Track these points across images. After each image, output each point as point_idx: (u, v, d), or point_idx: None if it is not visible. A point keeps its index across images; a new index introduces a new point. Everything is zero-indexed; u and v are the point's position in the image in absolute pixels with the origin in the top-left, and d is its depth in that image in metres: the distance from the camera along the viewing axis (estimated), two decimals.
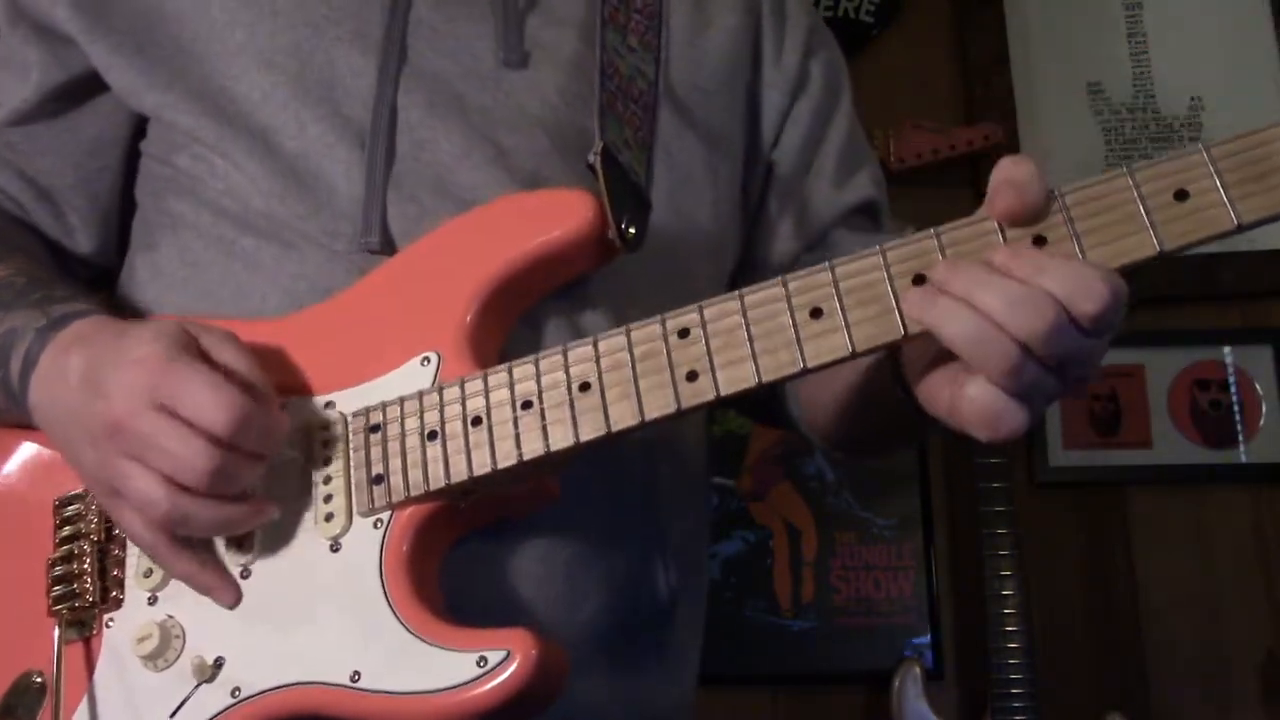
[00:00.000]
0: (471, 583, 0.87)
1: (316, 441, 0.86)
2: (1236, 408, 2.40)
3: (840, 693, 2.35)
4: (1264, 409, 2.39)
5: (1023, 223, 0.73)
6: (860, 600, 2.37)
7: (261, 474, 0.82)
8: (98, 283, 1.09)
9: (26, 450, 0.96)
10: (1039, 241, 0.73)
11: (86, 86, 1.04)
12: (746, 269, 1.10)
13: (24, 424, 0.93)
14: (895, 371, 0.83)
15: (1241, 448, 2.38)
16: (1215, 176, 0.70)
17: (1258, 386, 2.41)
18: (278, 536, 0.85)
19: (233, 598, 0.84)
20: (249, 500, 0.82)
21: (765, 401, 1.11)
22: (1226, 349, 2.43)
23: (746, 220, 1.12)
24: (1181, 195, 0.71)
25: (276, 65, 0.96)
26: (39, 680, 0.88)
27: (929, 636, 2.34)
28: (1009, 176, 0.73)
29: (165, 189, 1.01)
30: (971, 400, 0.73)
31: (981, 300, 0.70)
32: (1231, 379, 2.41)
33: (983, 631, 2.11)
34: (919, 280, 0.74)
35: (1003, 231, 0.73)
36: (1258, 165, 0.70)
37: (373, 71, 0.95)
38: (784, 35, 1.13)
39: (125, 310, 1.02)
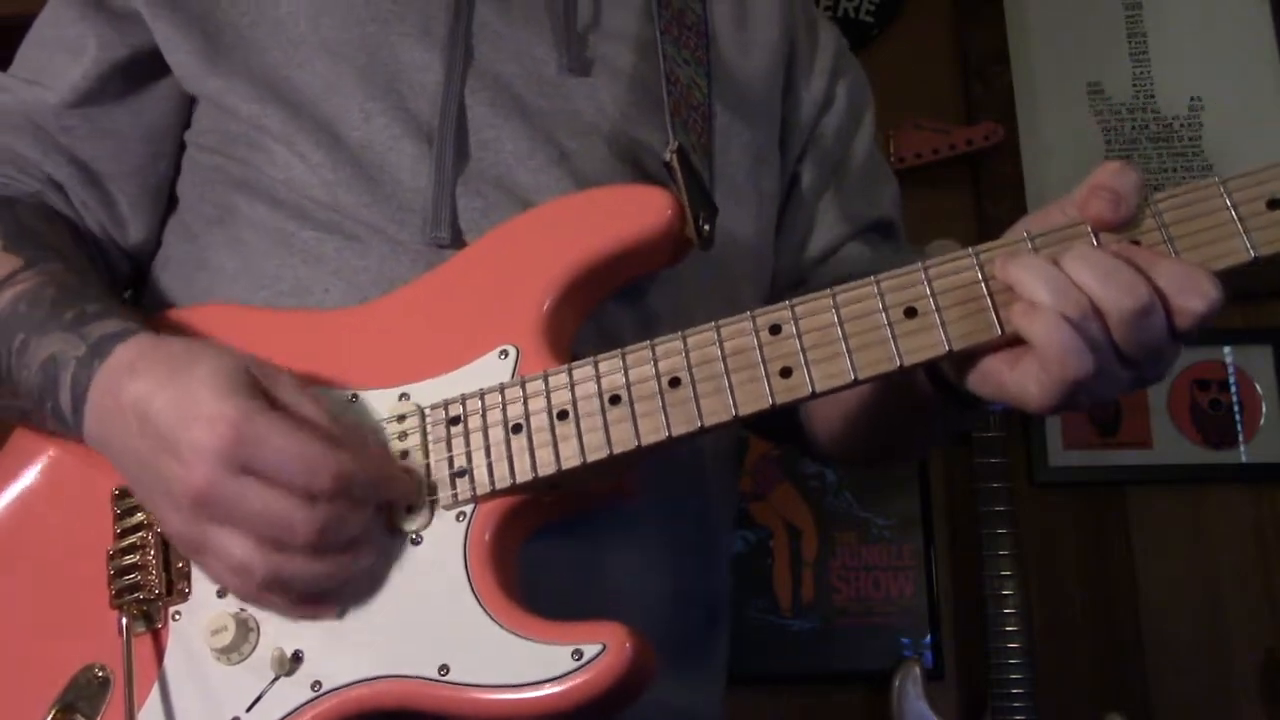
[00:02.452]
0: (546, 579, 0.86)
1: (392, 435, 0.84)
2: (1236, 408, 2.40)
3: (840, 693, 2.35)
4: (1264, 409, 2.39)
5: (1114, 229, 0.74)
6: (860, 600, 2.37)
7: (367, 520, 0.79)
8: (136, 276, 1.07)
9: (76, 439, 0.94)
10: (1135, 245, 0.74)
11: (147, 67, 1.02)
12: (774, 276, 1.12)
13: None
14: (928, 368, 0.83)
15: (1241, 448, 2.38)
16: None
17: (1258, 386, 2.41)
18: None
19: (334, 615, 0.82)
20: (349, 551, 0.78)
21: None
22: (1226, 349, 2.43)
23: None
24: (1275, 204, 0.73)
25: (341, 55, 0.96)
26: (101, 674, 0.86)
27: (929, 636, 2.34)
28: (1111, 184, 0.73)
29: (214, 180, 1.00)
30: (1041, 337, 0.71)
31: (1075, 270, 0.71)
32: (1231, 379, 2.41)
33: (983, 631, 2.11)
34: None
35: (1097, 236, 0.75)
36: None
37: (439, 68, 0.95)
38: (815, 57, 1.15)
39: (157, 303, 1.00)
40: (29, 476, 0.95)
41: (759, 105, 1.08)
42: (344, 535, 0.77)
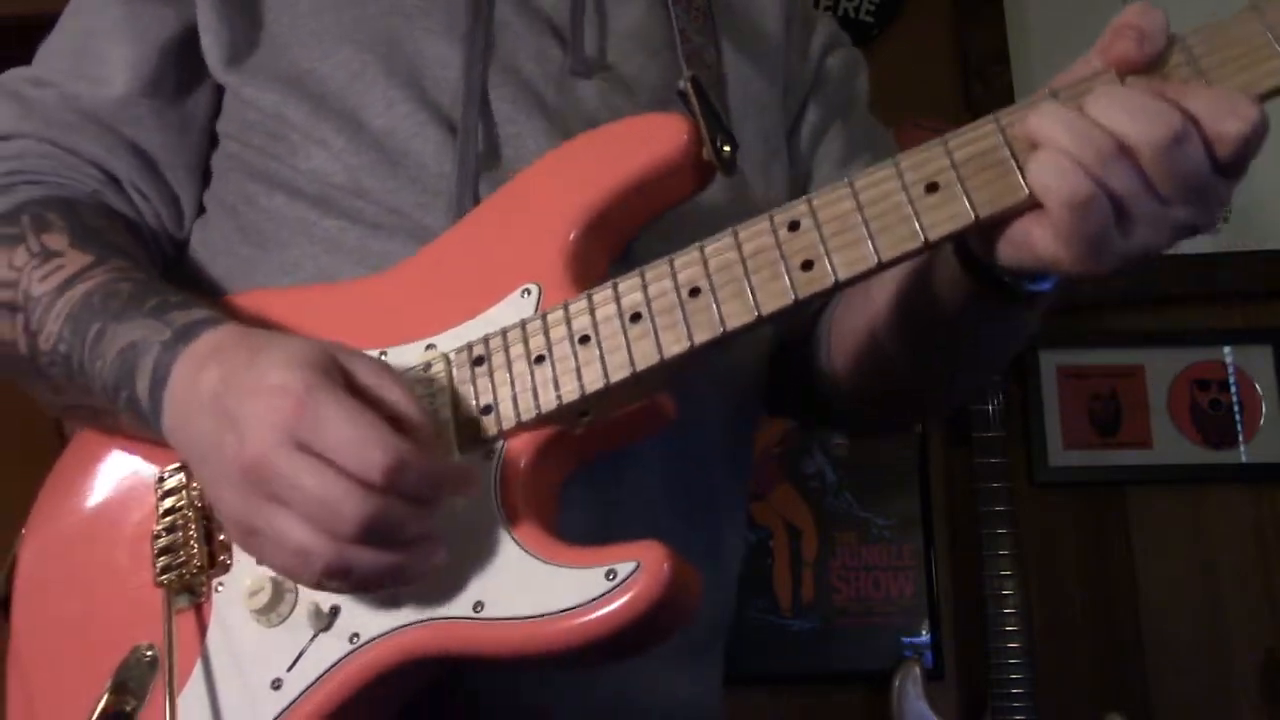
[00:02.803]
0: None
1: (421, 384, 0.83)
2: (1236, 408, 2.40)
3: (840, 693, 2.35)
4: (1264, 409, 2.39)
5: (1141, 70, 0.69)
6: (860, 600, 2.37)
7: (432, 522, 0.74)
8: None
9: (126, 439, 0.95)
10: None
11: (198, 46, 1.00)
12: None
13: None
14: (960, 255, 0.79)
15: (1241, 448, 2.38)
16: None
17: (1258, 386, 2.41)
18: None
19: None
20: (418, 545, 0.74)
21: (792, 369, 1.09)
22: (1226, 349, 2.43)
23: None
24: None
25: (364, 46, 0.96)
26: (150, 653, 0.86)
27: (929, 636, 2.33)
28: (1136, 23, 0.69)
29: (231, 167, 1.00)
30: (1036, 176, 0.68)
31: (1098, 110, 0.67)
32: (1231, 379, 2.41)
33: (983, 631, 2.11)
34: None
35: (1123, 80, 0.70)
36: None
37: (459, 62, 0.95)
38: (809, 42, 1.15)
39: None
40: (87, 476, 0.95)
41: (763, 95, 1.08)
42: (399, 531, 0.72)
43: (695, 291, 0.77)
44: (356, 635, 0.79)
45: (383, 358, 0.84)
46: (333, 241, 0.93)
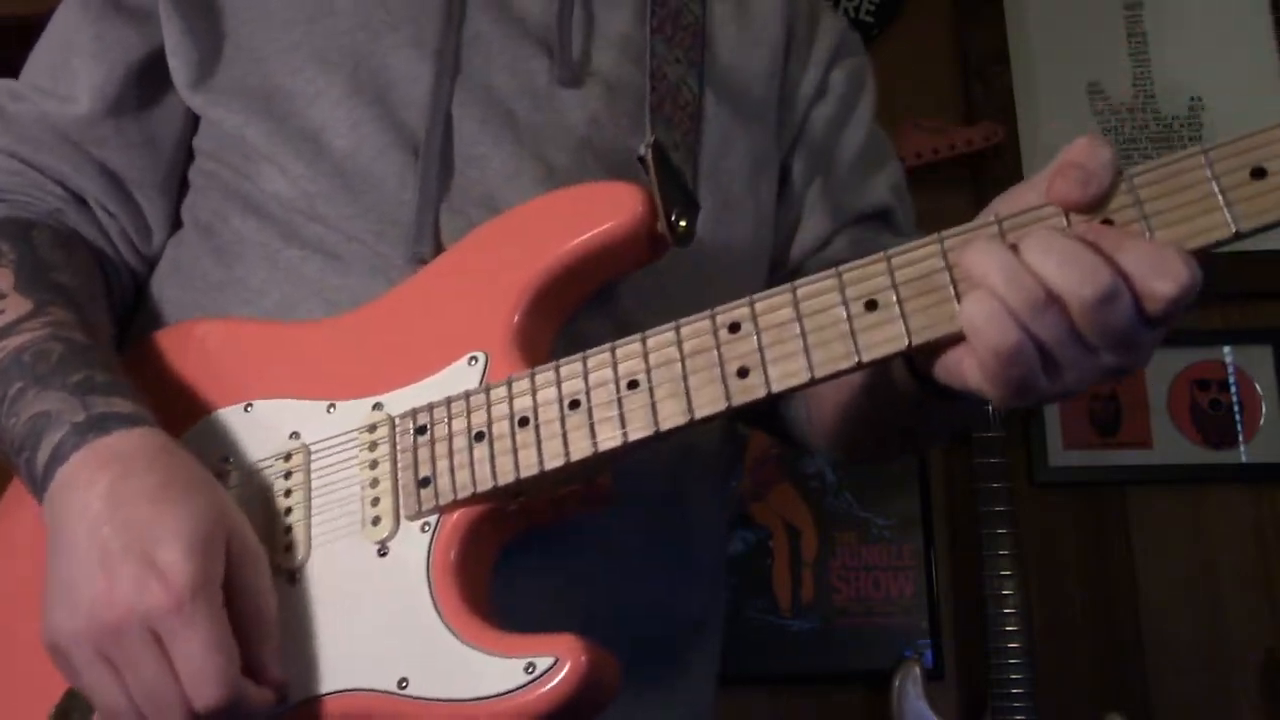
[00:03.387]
0: (510, 597, 0.85)
1: (363, 445, 0.84)
2: (1236, 408, 2.40)
3: (840, 693, 2.35)
4: (1264, 409, 2.39)
5: (1084, 210, 0.70)
6: (860, 600, 2.37)
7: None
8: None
9: None
10: (1106, 224, 0.70)
11: (166, 68, 1.00)
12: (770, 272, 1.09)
13: None
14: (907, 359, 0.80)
15: (1241, 448, 2.38)
16: None
17: (1258, 386, 2.41)
18: (325, 541, 0.83)
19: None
20: None
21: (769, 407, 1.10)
22: (1226, 349, 2.42)
23: None
24: (1259, 173, 0.67)
25: (331, 63, 0.95)
26: None
27: (929, 637, 2.33)
28: (1080, 161, 0.70)
29: (208, 186, 1.00)
30: (968, 319, 0.68)
31: (1033, 258, 0.67)
32: (1231, 379, 2.41)
33: (983, 631, 2.11)
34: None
35: (1067, 216, 0.70)
36: None
37: (428, 78, 0.94)
38: (812, 49, 1.12)
39: (150, 307, 1.00)
40: (31, 501, 0.94)
41: (757, 109, 1.07)
42: None
43: (634, 384, 0.77)
44: (285, 696, 0.80)
45: (331, 411, 0.85)
46: (294, 271, 0.93)
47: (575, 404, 0.78)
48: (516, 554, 0.85)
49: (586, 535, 0.89)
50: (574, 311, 0.88)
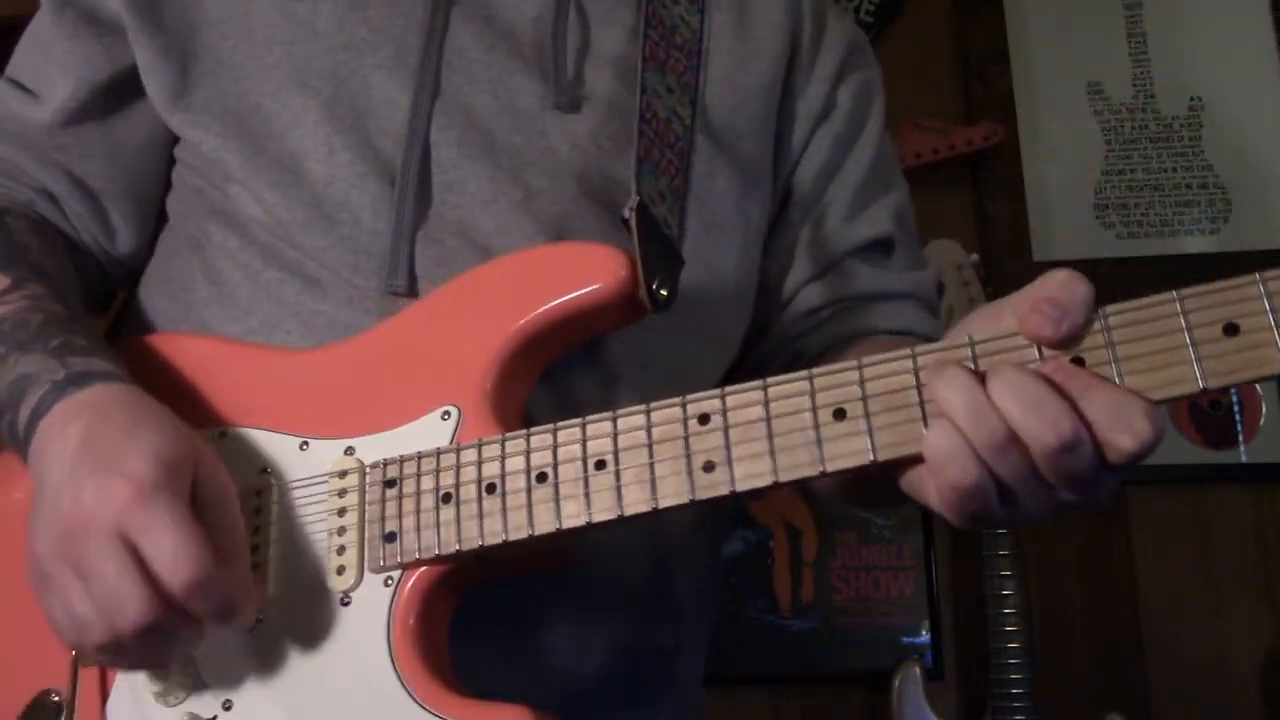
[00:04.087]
0: (483, 631, 0.86)
1: (333, 490, 0.85)
2: (1236, 408, 2.40)
3: (840, 693, 2.35)
4: (1264, 409, 2.39)
5: (1056, 346, 0.70)
6: (860, 600, 2.37)
7: (197, 645, 0.80)
8: (130, 280, 1.06)
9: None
10: (1077, 362, 0.69)
11: (137, 83, 1.00)
12: (760, 297, 1.08)
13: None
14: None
15: (1241, 448, 2.38)
16: (1270, 313, 0.67)
17: (1258, 386, 2.41)
18: (293, 582, 0.83)
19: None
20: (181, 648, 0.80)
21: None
22: None
23: (764, 250, 1.09)
24: (1232, 330, 0.67)
25: (310, 87, 0.94)
26: (56, 699, 0.87)
27: (929, 636, 2.34)
28: (1056, 297, 0.69)
29: (195, 202, 1.00)
30: (929, 449, 0.69)
31: (999, 397, 0.68)
32: None
33: (983, 631, 2.11)
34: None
35: (1040, 349, 0.70)
36: None
37: (407, 105, 0.94)
38: (817, 59, 1.10)
39: (139, 317, 1.00)
40: (3, 507, 0.95)
41: (754, 129, 1.05)
42: (169, 641, 0.77)
43: (601, 464, 0.77)
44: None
45: (304, 449, 0.86)
46: (275, 293, 0.93)
47: (543, 477, 0.79)
48: (478, 601, 0.86)
49: (548, 588, 0.89)
50: (548, 365, 0.89)
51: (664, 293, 0.85)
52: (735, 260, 1.02)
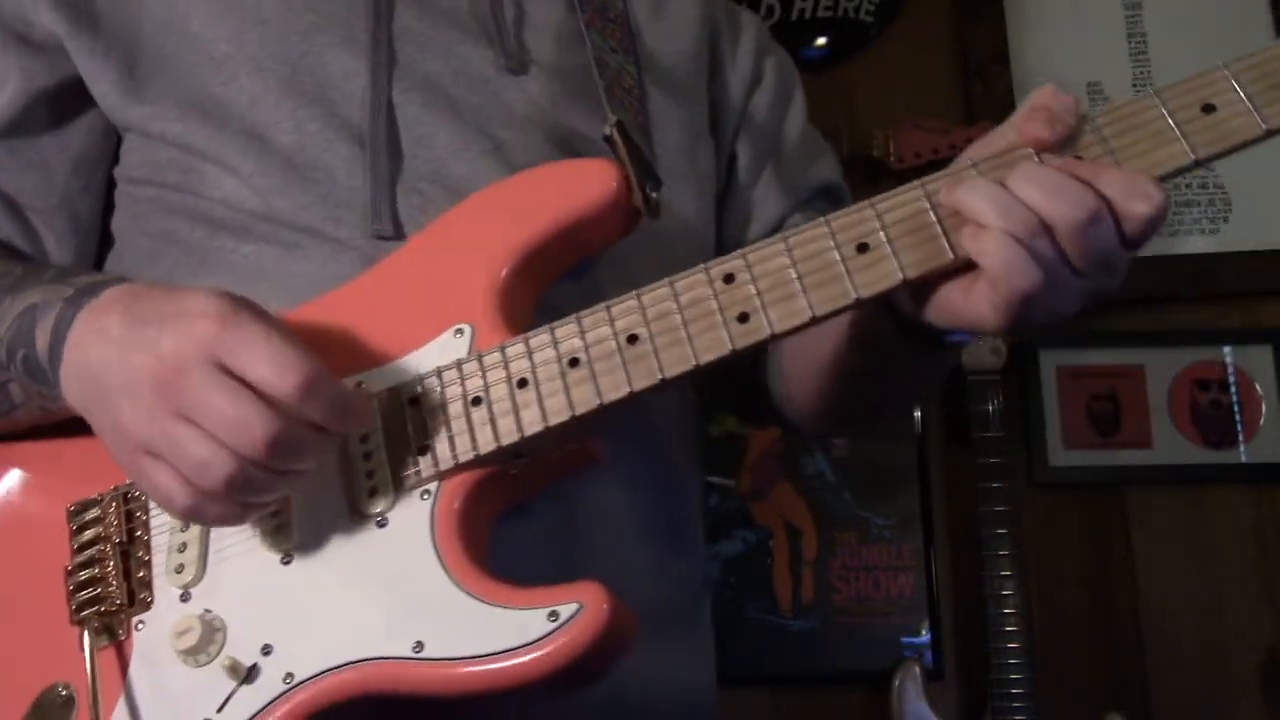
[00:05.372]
0: (511, 570, 0.85)
1: None
2: (1236, 408, 2.40)
3: (840, 693, 2.35)
4: (1264, 409, 2.39)
5: (1053, 149, 0.75)
6: (860, 600, 2.37)
7: (330, 453, 0.78)
8: None
9: (27, 463, 0.94)
10: (1077, 160, 0.75)
11: (73, 98, 1.01)
12: (720, 251, 1.11)
13: (36, 425, 0.91)
14: (889, 307, 0.84)
15: (1241, 448, 2.38)
16: (1239, 90, 0.74)
17: (1258, 386, 2.41)
18: (319, 520, 0.82)
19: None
20: (306, 472, 0.78)
21: (748, 380, 1.13)
22: (1226, 349, 2.43)
23: (718, 207, 1.15)
24: (1209, 108, 0.74)
25: (266, 69, 0.96)
26: (65, 692, 0.85)
27: (929, 636, 2.34)
28: (1046, 104, 0.75)
29: (150, 211, 1.00)
30: (987, 256, 0.72)
31: (1021, 189, 0.72)
32: (1231, 379, 2.41)
33: (983, 631, 2.11)
34: None
35: (1039, 156, 0.75)
36: (1277, 75, 0.74)
37: (365, 73, 0.96)
38: (738, 40, 1.17)
39: None
40: None
41: (687, 87, 1.11)
42: (301, 454, 0.75)
43: (633, 339, 0.79)
44: (291, 675, 0.79)
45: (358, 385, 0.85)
46: (253, 267, 0.93)
47: (575, 361, 0.80)
48: (515, 524, 0.86)
49: (585, 507, 0.90)
50: (548, 286, 0.90)
51: (655, 195, 0.88)
52: (693, 206, 1.08)
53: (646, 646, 0.83)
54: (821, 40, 2.59)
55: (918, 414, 2.42)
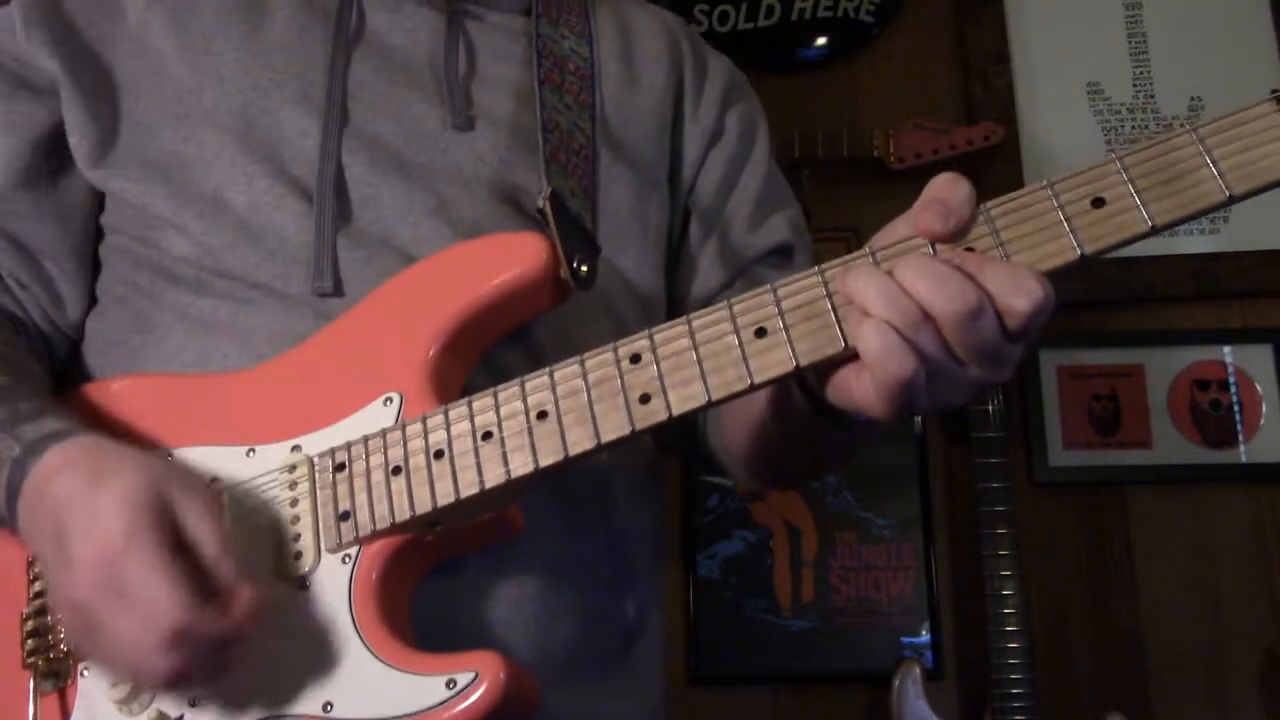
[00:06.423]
0: (445, 615, 0.89)
1: (284, 484, 0.87)
2: (1236, 408, 2.40)
3: (840, 693, 2.35)
4: (1264, 409, 2.39)
5: (947, 241, 0.76)
6: (860, 600, 2.37)
7: (228, 666, 0.81)
8: (70, 357, 1.08)
9: None
10: (968, 251, 0.76)
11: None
12: (671, 307, 1.14)
13: None
14: (801, 384, 0.85)
15: (1241, 448, 2.38)
16: (1129, 184, 0.75)
17: (1258, 386, 2.41)
18: (250, 579, 0.84)
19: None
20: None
21: (691, 440, 1.15)
22: (1226, 349, 2.43)
23: (670, 264, 1.16)
24: (1099, 202, 0.75)
25: (222, 125, 0.99)
26: None
27: (929, 636, 2.34)
28: (942, 197, 0.76)
29: (120, 260, 1.03)
30: (863, 341, 0.74)
31: (906, 279, 0.73)
32: (1231, 379, 2.41)
33: (983, 631, 2.11)
34: None
35: (933, 246, 0.76)
36: (1166, 171, 0.75)
37: (317, 132, 0.99)
38: (702, 91, 1.18)
39: (79, 377, 1.02)
40: None
41: (647, 138, 1.12)
42: (208, 664, 0.79)
43: (543, 415, 0.82)
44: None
45: (251, 455, 0.88)
46: (207, 321, 0.96)
47: (488, 435, 0.83)
48: (447, 571, 0.89)
49: (517, 552, 0.92)
50: (483, 353, 0.93)
51: (584, 269, 0.90)
52: (635, 261, 1.09)
53: (574, 689, 0.87)
54: (821, 40, 2.59)
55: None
